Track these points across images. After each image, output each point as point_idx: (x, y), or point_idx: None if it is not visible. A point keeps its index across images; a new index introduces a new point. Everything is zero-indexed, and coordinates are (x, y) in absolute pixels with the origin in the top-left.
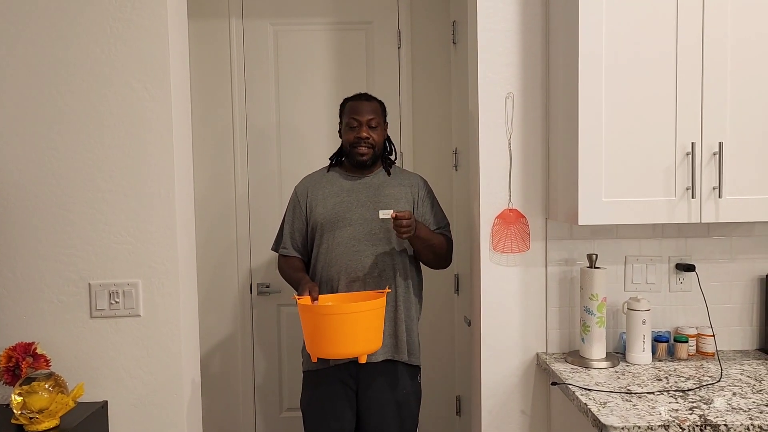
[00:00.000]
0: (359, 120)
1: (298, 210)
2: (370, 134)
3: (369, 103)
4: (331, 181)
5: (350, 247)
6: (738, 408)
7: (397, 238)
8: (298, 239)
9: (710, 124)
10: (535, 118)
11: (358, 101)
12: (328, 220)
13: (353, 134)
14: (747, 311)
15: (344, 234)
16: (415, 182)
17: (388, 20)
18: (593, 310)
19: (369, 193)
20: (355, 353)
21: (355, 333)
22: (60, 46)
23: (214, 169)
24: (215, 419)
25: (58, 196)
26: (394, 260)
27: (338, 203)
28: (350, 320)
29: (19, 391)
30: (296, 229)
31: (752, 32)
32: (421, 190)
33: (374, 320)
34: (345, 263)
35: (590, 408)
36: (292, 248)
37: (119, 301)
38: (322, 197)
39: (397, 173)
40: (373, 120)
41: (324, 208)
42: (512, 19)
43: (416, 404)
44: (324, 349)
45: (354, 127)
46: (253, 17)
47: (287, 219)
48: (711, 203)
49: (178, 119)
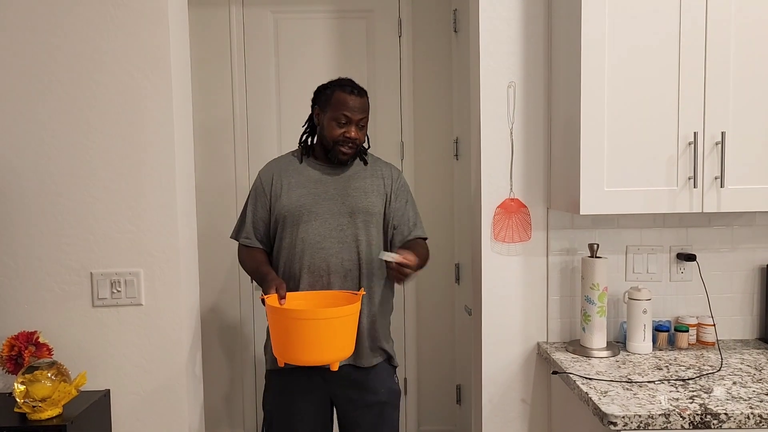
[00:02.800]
0: (350, 118)
1: (261, 198)
2: (358, 135)
3: (361, 100)
4: (298, 170)
5: (314, 243)
6: (738, 397)
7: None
8: (261, 229)
9: (713, 114)
10: (537, 107)
11: (350, 95)
12: (293, 213)
13: (341, 131)
14: (747, 301)
15: (309, 229)
16: (388, 173)
17: (388, 8)
18: (594, 300)
19: (338, 185)
20: (328, 360)
21: (328, 339)
22: (59, 33)
23: (215, 157)
24: (217, 407)
25: (59, 185)
26: (360, 258)
27: (305, 195)
28: (324, 326)
29: (22, 379)
30: (259, 218)
31: (756, 21)
32: (395, 182)
33: (349, 326)
34: (308, 260)
35: (591, 397)
36: (255, 239)
37: (121, 290)
38: (288, 187)
39: (370, 162)
40: (363, 119)
41: (289, 200)
42: (514, 8)
43: (397, 403)
44: (293, 354)
45: (343, 124)
46: (253, 5)
47: (249, 206)
48: (713, 193)
49: (179, 107)
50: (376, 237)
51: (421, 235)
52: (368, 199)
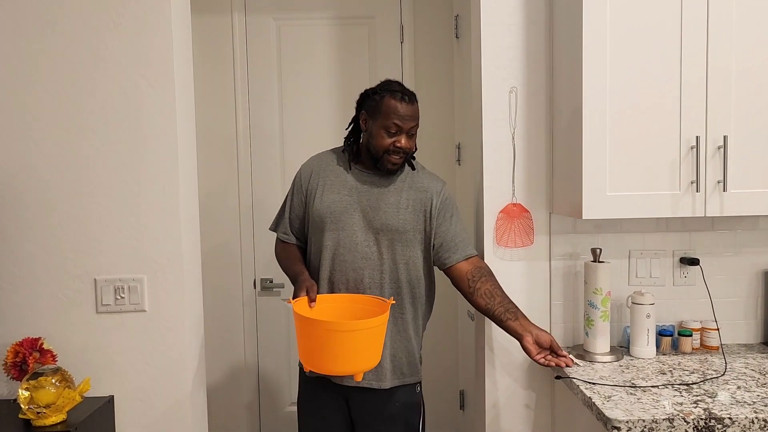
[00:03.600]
0: (401, 127)
1: (299, 194)
2: (409, 144)
3: (412, 107)
4: (336, 172)
5: (338, 255)
6: (742, 401)
7: (400, 252)
8: (297, 225)
9: (715, 118)
10: (539, 112)
11: (401, 102)
12: (321, 218)
13: (391, 141)
14: (751, 305)
15: (335, 238)
16: (431, 188)
17: (390, 15)
18: (597, 304)
19: (371, 198)
20: (352, 372)
21: (355, 350)
22: (63, 41)
23: (218, 164)
24: (220, 413)
25: (62, 192)
26: (383, 277)
27: (336, 201)
28: (350, 338)
29: (26, 386)
30: (296, 214)
31: (758, 24)
32: (437, 197)
33: (376, 337)
34: (329, 271)
35: (594, 401)
36: (292, 234)
37: (125, 297)
38: (322, 188)
39: (417, 173)
40: (414, 127)
41: (321, 203)
42: (516, 13)
43: (414, 415)
44: (318, 363)
45: (394, 133)
46: (255, 12)
47: (288, 200)
48: (716, 197)
49: (182, 115)
50: (403, 256)
51: (470, 254)
52: (399, 216)
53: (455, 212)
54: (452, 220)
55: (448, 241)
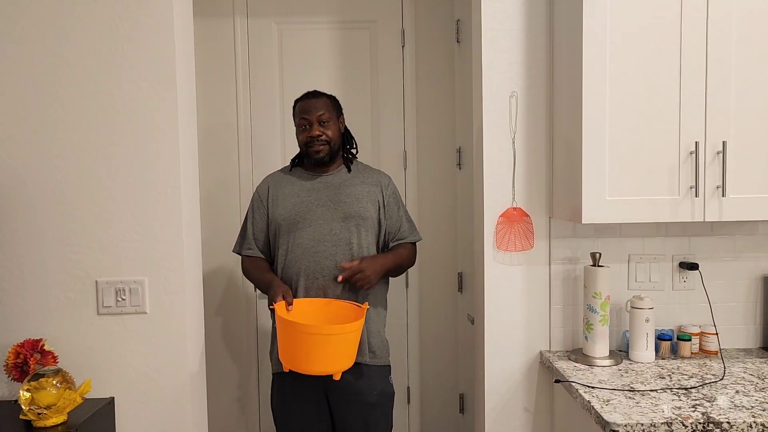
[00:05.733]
0: (308, 119)
1: (260, 210)
2: (322, 131)
3: (317, 100)
4: (291, 181)
5: (309, 248)
6: (741, 406)
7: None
8: (261, 239)
9: (714, 123)
10: (539, 116)
11: (305, 100)
12: (288, 221)
13: (305, 134)
14: (750, 310)
15: (303, 235)
16: (379, 180)
17: (392, 19)
18: (596, 309)
19: (329, 192)
20: (331, 371)
21: (334, 353)
22: (66, 45)
23: (219, 167)
24: (220, 415)
25: (65, 195)
26: (353, 261)
27: (298, 203)
28: (330, 341)
29: (28, 387)
30: (259, 229)
31: (757, 30)
32: (386, 189)
33: (353, 341)
34: (304, 265)
35: (593, 405)
36: (256, 248)
37: (126, 299)
38: (283, 197)
39: (360, 170)
40: (323, 115)
41: (284, 209)
42: (516, 18)
43: (389, 404)
44: (299, 364)
45: (305, 127)
46: (257, 16)
47: (249, 219)
48: (715, 202)
49: (184, 118)
50: (367, 240)
51: (410, 239)
52: (360, 204)
53: (401, 204)
54: (399, 212)
55: (394, 230)
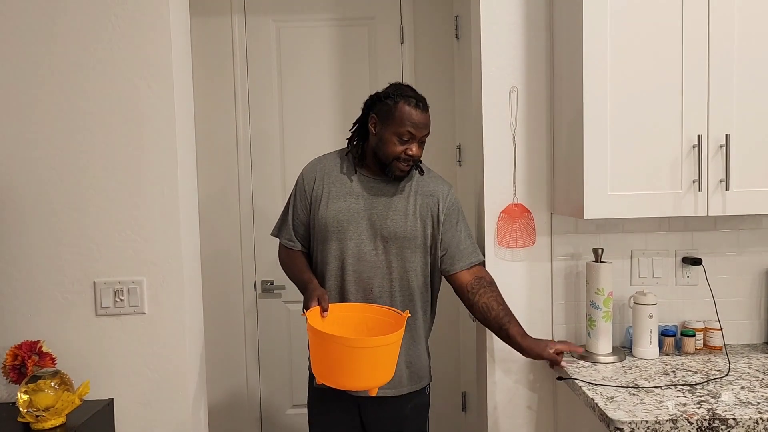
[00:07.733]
0: (414, 135)
1: (302, 200)
2: (419, 152)
3: (426, 115)
4: (341, 179)
5: (347, 264)
6: (746, 402)
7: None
8: (301, 231)
9: (717, 116)
10: (540, 112)
11: (416, 109)
12: (328, 227)
13: (403, 148)
14: (755, 304)
15: (342, 248)
16: (438, 192)
17: (390, 15)
18: (599, 305)
19: (378, 206)
20: (367, 387)
21: (370, 366)
22: (62, 43)
23: (218, 166)
24: (221, 415)
25: (62, 194)
26: (393, 286)
27: (343, 210)
28: (367, 354)
29: (25, 389)
30: (300, 221)
31: (759, 23)
32: (444, 200)
33: (392, 353)
34: (339, 281)
35: (597, 403)
36: (297, 241)
37: (124, 299)
38: (327, 196)
39: (424, 177)
40: (425, 136)
41: (326, 211)
42: (516, 13)
43: (424, 415)
44: (332, 378)
45: (406, 141)
46: (255, 13)
47: (290, 205)
48: (718, 196)
49: (181, 117)
50: (412, 262)
51: (474, 262)
52: (407, 223)
53: (461, 218)
54: (458, 226)
55: (453, 248)
